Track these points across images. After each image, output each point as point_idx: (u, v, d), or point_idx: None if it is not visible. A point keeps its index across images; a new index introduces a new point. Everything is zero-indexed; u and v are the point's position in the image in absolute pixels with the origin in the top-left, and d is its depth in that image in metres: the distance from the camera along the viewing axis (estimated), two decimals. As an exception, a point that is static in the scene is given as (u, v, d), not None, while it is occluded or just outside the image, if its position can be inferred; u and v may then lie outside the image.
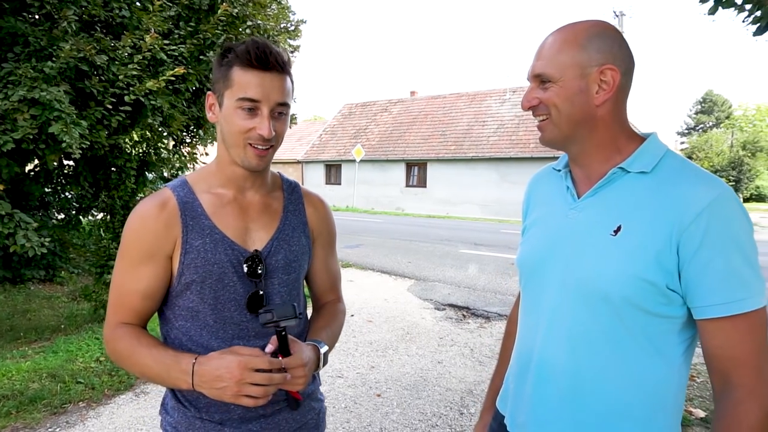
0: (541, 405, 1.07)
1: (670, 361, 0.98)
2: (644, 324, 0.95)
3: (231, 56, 1.07)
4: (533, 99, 1.04)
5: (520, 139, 20.28)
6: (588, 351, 1.00)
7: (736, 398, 0.90)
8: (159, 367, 1.04)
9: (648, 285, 0.92)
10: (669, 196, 0.94)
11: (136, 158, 5.25)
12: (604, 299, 0.96)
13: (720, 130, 47.65)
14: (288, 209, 1.24)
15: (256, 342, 1.15)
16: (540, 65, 1.02)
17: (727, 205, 0.90)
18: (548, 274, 1.08)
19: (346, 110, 29.14)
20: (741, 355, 0.90)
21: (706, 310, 0.91)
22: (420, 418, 3.36)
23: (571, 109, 1.00)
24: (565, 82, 0.99)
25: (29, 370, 3.74)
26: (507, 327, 1.43)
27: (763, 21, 3.47)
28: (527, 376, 1.11)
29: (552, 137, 1.05)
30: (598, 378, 0.99)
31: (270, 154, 1.12)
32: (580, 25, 1.01)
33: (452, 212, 21.52)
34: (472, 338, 5.04)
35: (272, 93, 1.06)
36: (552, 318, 1.06)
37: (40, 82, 3.62)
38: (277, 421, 1.19)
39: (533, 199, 1.25)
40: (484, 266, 8.59)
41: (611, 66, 0.97)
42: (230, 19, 4.89)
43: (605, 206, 1.01)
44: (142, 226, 1.11)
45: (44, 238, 3.83)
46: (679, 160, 1.00)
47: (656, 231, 0.92)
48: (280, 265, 1.18)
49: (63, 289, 7.07)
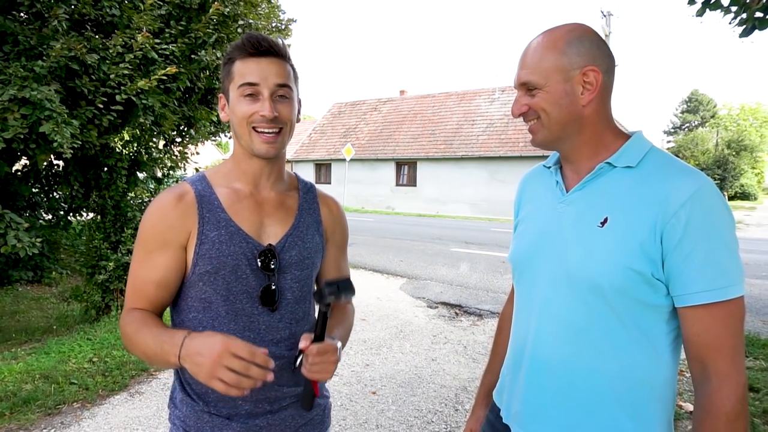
0: (533, 395, 1.11)
1: (659, 350, 1.01)
2: (634, 313, 0.99)
3: (231, 52, 1.14)
4: (523, 106, 1.09)
5: (510, 138, 20.40)
6: (579, 341, 1.03)
7: (713, 385, 0.93)
8: (155, 343, 1.03)
9: (635, 274, 0.96)
10: (653, 188, 0.98)
11: (127, 158, 5.23)
12: (594, 289, 1.00)
13: (705, 129, 48.29)
14: (303, 207, 1.26)
15: (267, 335, 1.16)
16: (525, 74, 1.06)
17: (709, 197, 0.94)
18: (539, 267, 1.11)
19: (336, 109, 29.09)
20: (717, 342, 0.94)
21: (687, 297, 0.95)
22: (415, 415, 3.38)
23: (559, 112, 1.04)
24: (551, 87, 1.03)
25: (22, 372, 3.70)
26: (499, 323, 1.45)
27: (749, 23, 3.54)
28: (520, 368, 1.15)
29: (543, 139, 1.09)
30: (589, 368, 1.03)
31: (279, 141, 1.14)
32: (558, 30, 1.05)
33: (442, 211, 21.59)
34: (465, 336, 5.08)
35: (270, 75, 1.10)
36: (543, 310, 1.09)
37: (31, 81, 3.59)
38: (284, 418, 1.21)
39: (525, 196, 1.29)
40: (475, 264, 8.65)
41: (593, 67, 1.02)
42: (221, 18, 4.88)
43: (592, 199, 1.05)
44: (159, 216, 1.14)
45: (35, 238, 3.79)
46: (663, 155, 1.05)
47: (641, 222, 0.96)
48: (293, 261, 1.19)
49: (52, 290, 7.00)
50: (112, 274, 4.96)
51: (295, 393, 1.22)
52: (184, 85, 4.88)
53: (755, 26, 3.51)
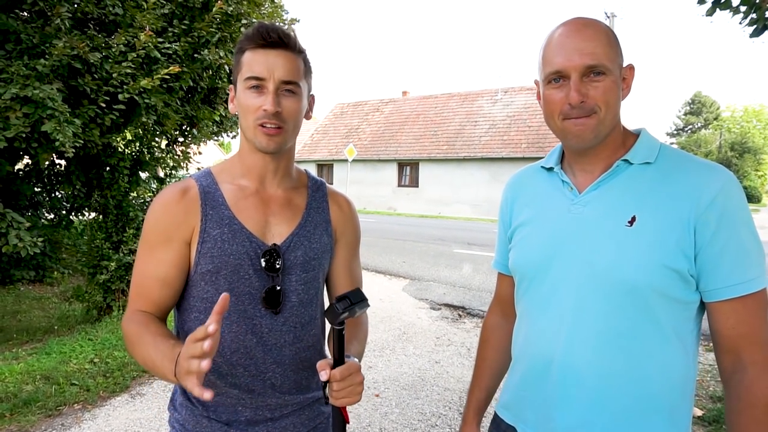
0: (570, 408, 1.03)
1: (688, 348, 0.99)
2: (669, 312, 0.96)
3: (242, 42, 1.10)
4: (584, 95, 0.96)
5: (512, 139, 20.36)
6: (615, 346, 0.98)
7: (751, 376, 0.92)
8: (157, 356, 0.95)
9: (672, 272, 0.93)
10: (680, 183, 0.96)
11: (129, 157, 5.20)
12: (630, 291, 0.96)
13: (708, 131, 48.19)
14: (311, 206, 1.22)
15: (270, 338, 1.13)
16: (593, 57, 0.95)
17: (736, 190, 0.95)
18: (560, 272, 1.04)
19: (338, 110, 29.09)
20: (752, 333, 0.93)
21: (722, 291, 0.93)
22: (419, 418, 3.35)
23: (616, 106, 0.99)
24: (615, 77, 0.98)
25: (22, 372, 3.68)
26: (483, 335, 1.35)
27: (759, 23, 3.50)
28: (548, 380, 1.06)
29: (596, 136, 0.99)
30: (626, 373, 0.98)
31: (282, 136, 1.08)
32: (599, 21, 1.01)
33: (444, 212, 21.55)
34: (468, 338, 5.04)
35: (276, 70, 1.06)
36: (575, 316, 1.01)
37: (33, 79, 3.57)
38: (285, 426, 1.17)
39: (519, 200, 1.21)
40: (478, 266, 8.61)
41: (631, 65, 1.00)
42: (225, 17, 4.85)
43: (613, 198, 1.00)
44: (162, 211, 1.11)
45: (37, 237, 3.77)
46: (675, 150, 1.04)
47: (673, 218, 0.94)
48: (298, 262, 1.15)
49: (53, 290, 6.98)
50: (114, 274, 4.93)
51: (297, 401, 1.18)
52: (187, 84, 4.85)
53: (766, 26, 3.47)
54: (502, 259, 1.30)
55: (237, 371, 1.12)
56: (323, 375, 0.97)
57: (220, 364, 1.11)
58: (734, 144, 38.56)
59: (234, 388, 1.12)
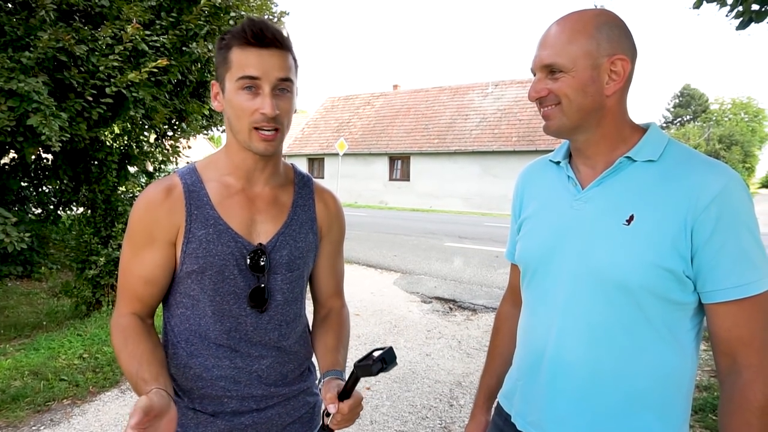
0: (557, 401, 1.05)
1: (684, 348, 0.99)
2: (662, 312, 0.96)
3: (228, 38, 1.05)
4: (542, 90, 1.02)
5: (503, 133, 20.40)
6: (606, 342, 0.99)
7: (744, 379, 0.92)
8: (135, 374, 0.98)
9: (666, 272, 0.93)
10: (680, 183, 0.95)
11: (117, 151, 5.15)
12: (621, 288, 0.96)
13: (697, 123, 48.59)
14: (297, 204, 1.21)
15: (254, 336, 1.14)
16: (548, 55, 1.00)
17: (738, 191, 0.93)
18: (558, 266, 1.06)
19: (329, 103, 28.96)
20: (748, 336, 0.92)
21: (718, 293, 0.92)
22: (410, 411, 3.37)
23: (583, 99, 0.99)
24: (578, 73, 0.98)
25: (10, 368, 3.65)
26: (495, 324, 1.39)
27: (745, 15, 3.53)
28: (539, 372, 1.09)
29: (560, 126, 1.03)
30: (616, 369, 0.99)
31: (277, 138, 1.07)
32: (586, 13, 1.00)
33: (435, 206, 21.59)
34: (459, 330, 5.07)
35: (272, 69, 1.02)
36: (566, 310, 1.04)
37: (18, 72, 3.52)
38: (270, 416, 1.18)
39: (528, 193, 1.22)
40: (469, 259, 8.63)
41: (621, 56, 0.97)
42: (213, 9, 4.80)
43: (614, 196, 1.01)
44: (146, 210, 1.09)
45: (24, 233, 3.73)
46: (683, 148, 1.01)
47: (670, 218, 0.93)
48: (284, 261, 1.15)
49: (42, 286, 6.91)
50: (103, 269, 4.89)
51: (283, 392, 1.20)
52: (176, 77, 4.81)
53: (752, 19, 3.50)
54: (513, 249, 1.32)
55: (223, 363, 1.13)
56: (331, 408, 1.01)
57: (206, 358, 1.12)
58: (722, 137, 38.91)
59: (220, 380, 1.13)
